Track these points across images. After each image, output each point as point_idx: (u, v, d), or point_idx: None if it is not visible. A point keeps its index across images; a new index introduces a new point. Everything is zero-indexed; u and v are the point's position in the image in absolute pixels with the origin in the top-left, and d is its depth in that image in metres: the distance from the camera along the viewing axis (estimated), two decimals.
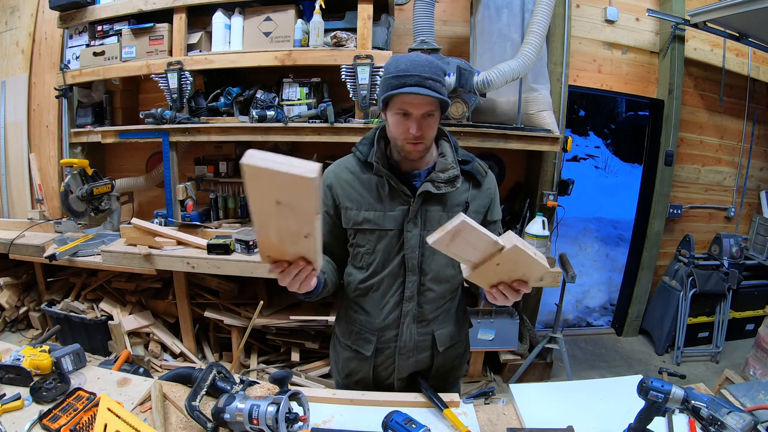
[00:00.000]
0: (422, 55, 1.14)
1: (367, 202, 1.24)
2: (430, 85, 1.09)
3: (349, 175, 1.26)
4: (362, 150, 1.25)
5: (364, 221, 1.24)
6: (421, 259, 1.25)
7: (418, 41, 2.61)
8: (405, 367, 1.35)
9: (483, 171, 1.29)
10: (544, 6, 2.54)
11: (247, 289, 2.95)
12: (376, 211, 1.23)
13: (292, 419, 1.04)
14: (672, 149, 3.32)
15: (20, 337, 3.15)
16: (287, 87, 2.85)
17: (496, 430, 1.19)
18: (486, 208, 1.30)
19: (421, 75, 1.09)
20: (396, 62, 1.13)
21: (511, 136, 2.68)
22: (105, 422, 1.06)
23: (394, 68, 1.12)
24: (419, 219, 1.22)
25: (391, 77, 1.11)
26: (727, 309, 3.38)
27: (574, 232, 5.73)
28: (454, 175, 1.22)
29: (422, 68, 1.10)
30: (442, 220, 1.21)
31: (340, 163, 1.30)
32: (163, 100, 2.88)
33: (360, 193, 1.24)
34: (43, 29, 3.38)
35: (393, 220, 1.23)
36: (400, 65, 1.11)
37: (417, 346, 1.33)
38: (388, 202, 1.23)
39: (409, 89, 1.08)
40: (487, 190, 1.30)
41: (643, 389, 1.05)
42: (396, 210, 1.22)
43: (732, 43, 3.17)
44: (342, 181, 1.26)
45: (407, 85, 1.08)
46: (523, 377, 2.86)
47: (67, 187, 2.79)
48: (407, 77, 1.09)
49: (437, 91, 1.10)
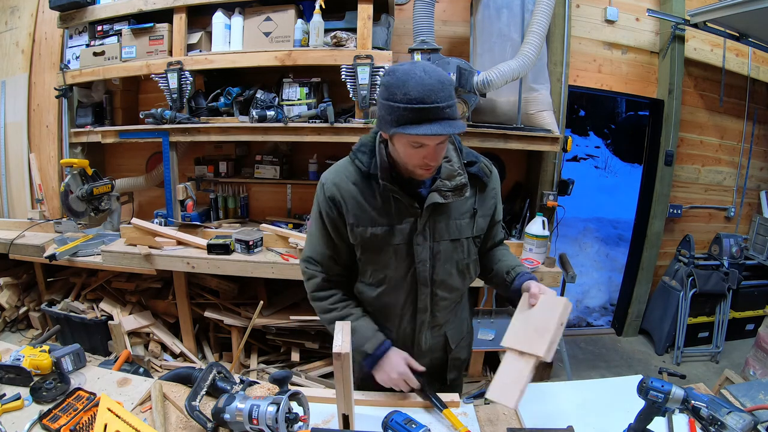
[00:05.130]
0: (430, 72, 0.99)
1: (373, 217, 1.17)
2: (449, 114, 0.99)
3: (353, 188, 1.17)
4: (363, 160, 1.17)
5: (372, 237, 1.18)
6: (432, 270, 1.21)
7: (418, 41, 2.61)
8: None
9: (488, 170, 1.24)
10: (544, 6, 2.54)
11: (247, 289, 2.95)
12: (384, 226, 1.18)
13: (292, 419, 1.04)
14: (672, 149, 3.32)
15: (20, 337, 3.15)
16: (287, 87, 2.85)
17: (496, 430, 1.19)
18: (492, 210, 1.28)
19: (437, 105, 0.97)
20: (403, 86, 0.98)
21: (511, 136, 2.68)
22: (105, 422, 1.06)
23: (402, 95, 0.98)
24: (428, 230, 1.18)
25: (401, 108, 0.98)
26: (727, 309, 3.38)
27: (574, 232, 5.73)
28: (462, 183, 1.16)
29: (436, 94, 0.97)
30: (450, 229, 1.20)
31: (339, 171, 1.21)
32: (163, 100, 2.88)
33: (365, 208, 1.17)
34: (43, 29, 3.38)
35: (401, 234, 1.18)
36: (409, 92, 0.97)
37: (431, 349, 1.34)
38: (395, 215, 1.17)
39: (429, 130, 0.97)
40: (492, 190, 1.26)
41: (643, 389, 1.05)
42: (404, 223, 1.17)
43: (732, 43, 3.17)
44: (346, 194, 1.18)
45: (425, 121, 0.97)
46: None
47: (67, 187, 2.79)
48: (423, 111, 0.97)
49: (455, 118, 1.00)
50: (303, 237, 2.62)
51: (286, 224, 3.00)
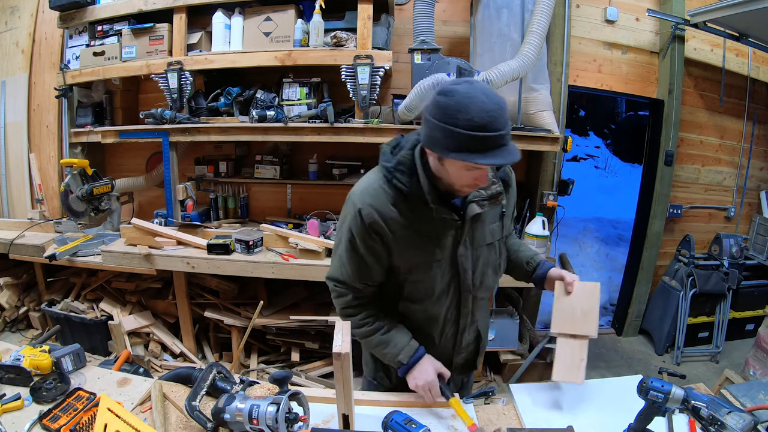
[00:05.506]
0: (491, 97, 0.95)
1: (420, 240, 1.15)
2: (508, 140, 0.97)
3: (394, 212, 1.12)
4: (403, 181, 1.10)
5: (420, 260, 1.18)
6: (473, 276, 1.24)
7: (418, 41, 2.61)
8: (457, 361, 1.39)
9: (509, 170, 1.27)
10: (544, 6, 2.54)
11: (247, 289, 2.95)
12: (429, 247, 1.17)
13: (292, 419, 1.04)
14: (672, 149, 3.32)
15: (20, 337, 3.15)
16: (287, 87, 2.85)
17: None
18: (513, 207, 1.34)
19: (500, 134, 0.94)
20: (465, 111, 0.93)
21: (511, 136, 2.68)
22: (105, 422, 1.06)
23: (464, 120, 0.93)
24: (468, 240, 1.19)
25: (463, 134, 0.93)
26: (727, 309, 3.38)
27: (574, 232, 5.73)
28: (498, 191, 1.17)
29: (498, 122, 0.94)
30: (485, 234, 1.23)
31: (375, 194, 1.13)
32: (163, 100, 2.88)
33: (411, 233, 1.14)
34: (43, 29, 3.38)
35: (445, 248, 1.19)
36: (473, 118, 0.92)
37: (468, 344, 1.39)
38: (438, 232, 1.16)
39: (492, 160, 0.94)
40: (512, 189, 1.30)
41: (643, 389, 1.05)
42: (447, 237, 1.17)
43: (732, 43, 3.16)
44: (390, 221, 1.12)
45: (489, 149, 0.94)
46: (523, 377, 2.85)
47: (67, 187, 2.79)
48: (487, 140, 0.94)
49: (510, 140, 0.98)
50: (303, 237, 2.62)
51: (286, 224, 3.00)
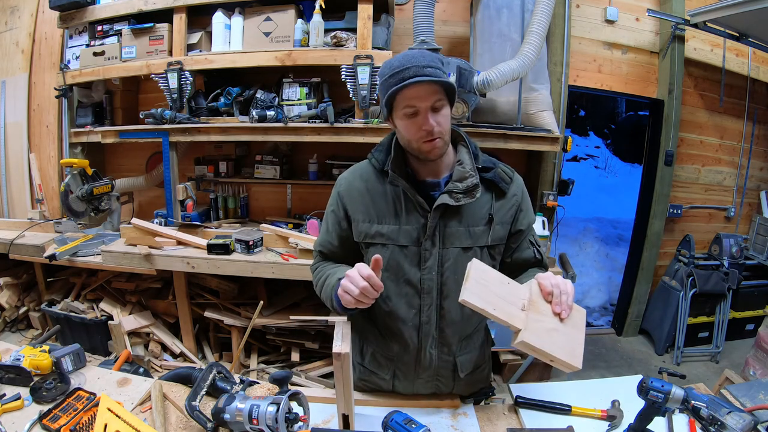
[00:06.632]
0: (413, 50, 1.08)
1: (380, 214, 1.15)
2: (430, 73, 1.01)
3: (362, 184, 1.18)
4: (378, 158, 1.16)
5: (377, 235, 1.15)
6: (441, 279, 1.14)
7: (418, 41, 2.61)
8: (425, 389, 1.29)
9: (507, 177, 1.17)
10: (544, 6, 2.54)
11: (247, 289, 2.95)
12: (390, 225, 1.14)
13: (292, 419, 1.04)
14: (672, 149, 3.32)
15: (20, 337, 3.15)
16: (287, 87, 2.85)
17: (496, 430, 1.19)
18: (513, 218, 1.19)
19: (417, 65, 1.01)
20: (389, 63, 1.07)
21: (511, 136, 2.68)
22: (105, 422, 1.06)
23: (388, 69, 1.05)
24: (438, 236, 1.12)
25: (387, 78, 1.05)
26: (727, 309, 3.38)
27: (574, 232, 5.73)
28: (473, 184, 1.10)
29: (417, 59, 1.03)
30: (462, 236, 1.13)
31: (354, 170, 1.22)
32: (163, 100, 2.88)
33: (373, 205, 1.16)
34: (43, 29, 3.38)
35: (408, 235, 1.13)
36: (393, 63, 1.05)
37: (437, 371, 1.25)
38: (403, 215, 1.13)
39: (408, 81, 1.00)
40: (513, 197, 1.18)
41: (643, 389, 1.05)
42: (412, 224, 1.13)
43: (732, 43, 3.17)
44: (354, 191, 1.18)
45: (406, 78, 1.01)
46: (523, 377, 2.85)
47: (67, 187, 2.78)
48: (403, 71, 1.02)
49: (439, 76, 1.02)
50: (303, 237, 2.62)
51: (286, 224, 3.00)
